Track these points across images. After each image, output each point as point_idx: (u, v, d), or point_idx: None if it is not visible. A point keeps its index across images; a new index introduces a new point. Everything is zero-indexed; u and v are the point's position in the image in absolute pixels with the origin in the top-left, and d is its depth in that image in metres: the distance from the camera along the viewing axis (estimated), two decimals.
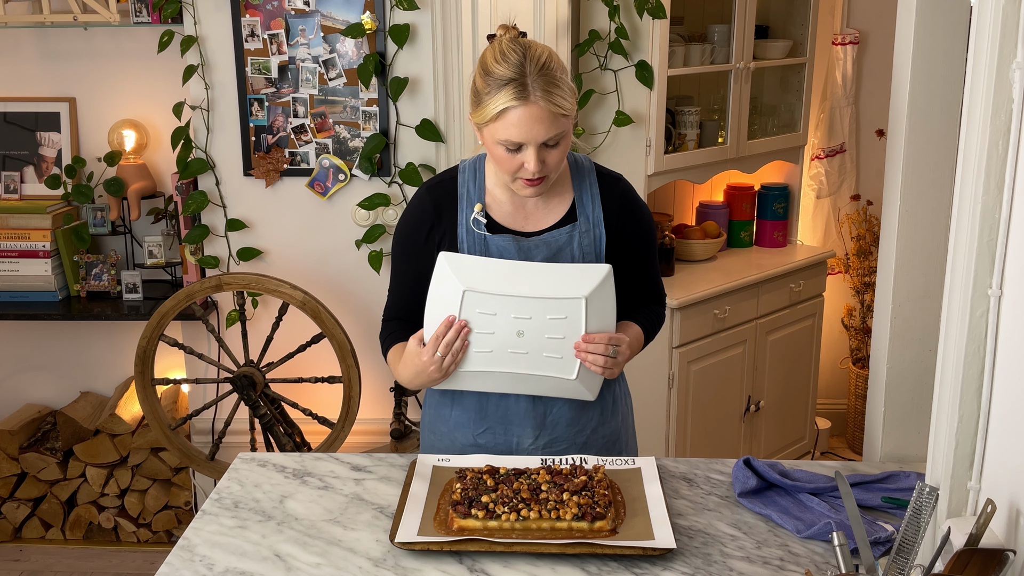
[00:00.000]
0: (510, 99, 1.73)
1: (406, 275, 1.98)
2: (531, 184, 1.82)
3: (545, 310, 1.81)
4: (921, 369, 2.09)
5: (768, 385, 3.75)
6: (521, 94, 1.73)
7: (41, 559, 3.52)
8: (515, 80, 1.73)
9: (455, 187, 1.93)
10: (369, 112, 3.30)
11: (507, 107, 1.73)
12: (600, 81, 3.20)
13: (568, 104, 1.77)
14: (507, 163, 1.80)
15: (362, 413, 3.38)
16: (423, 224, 1.93)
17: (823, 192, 4.13)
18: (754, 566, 1.63)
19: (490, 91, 1.75)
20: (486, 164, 1.94)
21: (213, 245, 3.42)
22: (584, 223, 1.92)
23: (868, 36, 4.07)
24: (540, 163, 1.78)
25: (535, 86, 1.73)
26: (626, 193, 1.97)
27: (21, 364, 3.73)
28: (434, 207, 1.93)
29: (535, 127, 1.74)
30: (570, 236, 1.90)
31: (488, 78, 1.76)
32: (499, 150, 1.79)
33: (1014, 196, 1.30)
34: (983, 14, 1.33)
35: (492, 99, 1.75)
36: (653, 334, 2.06)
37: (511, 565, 1.63)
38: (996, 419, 1.36)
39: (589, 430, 1.98)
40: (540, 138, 1.76)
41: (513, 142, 1.76)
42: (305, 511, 1.82)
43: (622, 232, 1.95)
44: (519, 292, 1.81)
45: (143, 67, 3.46)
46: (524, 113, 1.73)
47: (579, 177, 1.94)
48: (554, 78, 1.75)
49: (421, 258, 1.93)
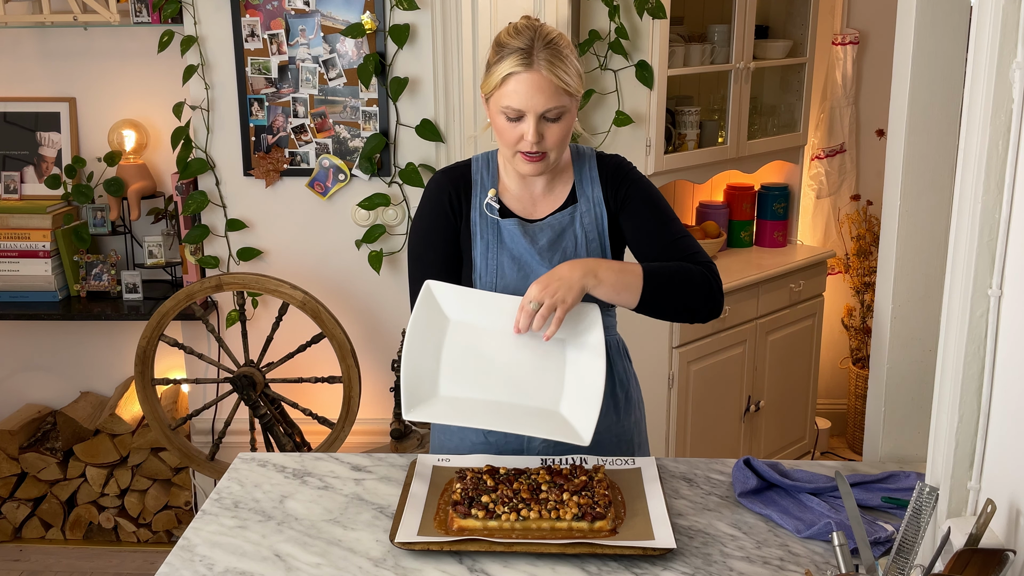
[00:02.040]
0: (514, 65, 1.79)
1: (432, 267, 1.94)
2: (530, 159, 1.84)
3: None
4: (921, 369, 2.09)
5: (768, 385, 3.75)
6: (525, 60, 1.79)
7: (41, 559, 3.52)
8: (522, 50, 1.80)
9: (469, 173, 1.98)
10: (369, 112, 3.30)
11: (511, 72, 1.79)
12: (600, 81, 3.20)
13: (571, 81, 1.81)
14: (508, 134, 1.84)
15: (362, 413, 3.38)
16: (444, 200, 1.95)
17: (823, 192, 4.13)
18: (754, 566, 1.63)
19: (499, 60, 1.82)
20: (499, 155, 1.99)
21: (213, 245, 3.42)
22: (584, 203, 1.96)
23: (868, 36, 4.07)
24: (539, 136, 1.81)
25: (540, 56, 1.79)
26: (619, 168, 1.99)
27: (21, 364, 3.73)
28: (453, 187, 1.96)
29: (536, 96, 1.79)
30: (572, 217, 1.95)
31: (500, 49, 1.83)
32: (501, 120, 1.84)
33: (1014, 196, 1.30)
34: (983, 14, 1.33)
35: (499, 67, 1.81)
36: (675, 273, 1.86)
37: (511, 565, 1.63)
38: (996, 419, 1.36)
39: (603, 428, 1.98)
40: (540, 108, 1.80)
41: (513, 109, 1.80)
42: (305, 511, 1.82)
43: (621, 203, 1.96)
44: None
45: (143, 67, 3.46)
46: (526, 79, 1.79)
47: (580, 163, 1.99)
48: (560, 53, 1.81)
49: (448, 240, 1.94)
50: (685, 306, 1.87)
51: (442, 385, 1.84)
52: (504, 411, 1.81)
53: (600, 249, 1.95)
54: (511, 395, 1.82)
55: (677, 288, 1.85)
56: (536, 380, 1.84)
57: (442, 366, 1.84)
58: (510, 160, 1.89)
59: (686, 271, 1.86)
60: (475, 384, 1.83)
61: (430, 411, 1.81)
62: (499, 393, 1.82)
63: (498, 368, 1.84)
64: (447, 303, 1.87)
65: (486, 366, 1.84)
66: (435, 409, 1.81)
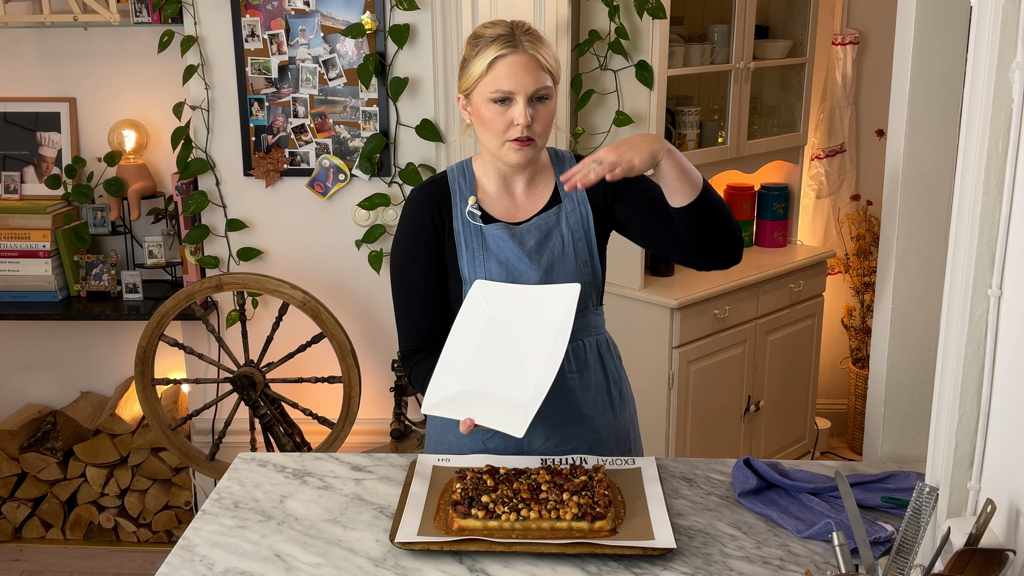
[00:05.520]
0: (500, 49, 1.82)
1: (420, 288, 1.94)
2: (520, 144, 1.84)
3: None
4: (921, 369, 2.09)
5: (768, 385, 3.75)
6: (510, 43, 1.82)
7: (41, 559, 3.52)
8: (503, 35, 1.83)
9: (447, 185, 1.97)
10: (369, 112, 3.30)
11: (497, 56, 1.82)
12: (600, 81, 3.20)
13: (553, 63, 1.86)
14: (497, 122, 1.84)
15: (362, 413, 3.38)
16: (427, 217, 1.94)
17: (823, 192, 4.13)
18: (754, 566, 1.63)
19: (479, 51, 1.84)
20: (474, 163, 1.99)
21: (213, 245, 3.42)
22: (569, 203, 1.96)
23: (868, 36, 4.07)
24: (529, 117, 1.82)
25: (523, 39, 1.83)
26: None
27: (21, 364, 3.73)
28: (432, 201, 1.95)
29: (524, 76, 1.81)
30: (557, 217, 1.95)
31: (477, 41, 1.86)
32: (489, 109, 1.84)
33: (1014, 196, 1.30)
34: (983, 14, 1.33)
35: (481, 56, 1.83)
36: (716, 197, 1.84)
37: (511, 565, 1.63)
38: (996, 419, 1.36)
39: (600, 427, 1.99)
40: (529, 88, 1.81)
41: (503, 91, 1.81)
42: (305, 511, 1.82)
43: (615, 193, 1.96)
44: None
45: (143, 67, 3.46)
46: (513, 61, 1.81)
47: (560, 164, 2.01)
48: (540, 38, 1.87)
49: (433, 258, 1.93)
50: (726, 225, 1.85)
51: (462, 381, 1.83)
52: (486, 402, 1.78)
53: (587, 247, 1.95)
54: (495, 386, 1.80)
55: (723, 207, 1.85)
56: (518, 370, 1.81)
57: (473, 363, 1.84)
58: (498, 152, 1.88)
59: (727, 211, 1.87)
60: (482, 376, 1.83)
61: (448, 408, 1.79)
62: (483, 384, 1.81)
63: (500, 359, 1.83)
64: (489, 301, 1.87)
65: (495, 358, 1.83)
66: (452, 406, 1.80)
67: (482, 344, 1.85)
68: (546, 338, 1.81)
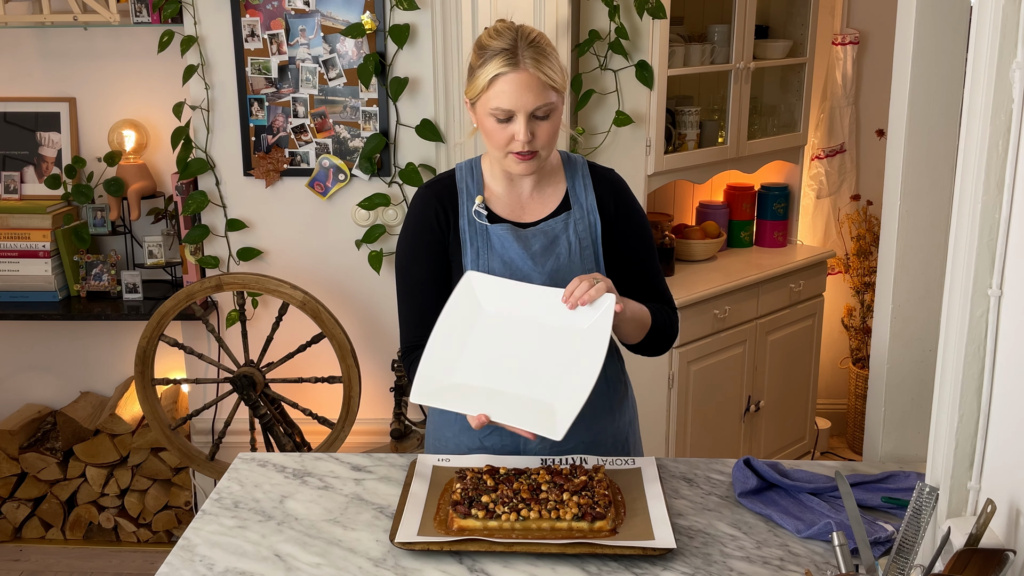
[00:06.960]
0: (501, 66, 1.79)
1: (423, 285, 1.94)
2: (522, 158, 1.84)
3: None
4: (921, 369, 2.09)
5: (768, 385, 3.75)
6: (511, 61, 1.79)
7: (41, 559, 3.52)
8: (506, 50, 1.80)
9: (454, 184, 1.97)
10: (369, 112, 3.30)
11: (498, 73, 1.79)
12: (600, 81, 3.20)
13: (557, 77, 1.83)
14: (498, 135, 1.83)
15: (362, 413, 3.38)
16: (431, 214, 1.94)
17: (823, 192, 4.13)
18: (754, 566, 1.63)
19: (483, 63, 1.82)
20: (482, 162, 1.98)
21: (213, 245, 3.42)
22: (578, 211, 1.96)
23: (868, 36, 4.07)
24: (530, 134, 1.81)
25: (525, 55, 1.80)
26: (617, 184, 2.01)
27: (21, 364, 3.73)
28: (437, 200, 1.95)
29: (525, 94, 1.79)
30: (565, 224, 1.94)
31: (482, 52, 1.84)
32: (490, 122, 1.83)
33: (1014, 196, 1.30)
34: (983, 14, 1.33)
35: (484, 69, 1.81)
36: (662, 324, 1.97)
37: (511, 565, 1.63)
38: (996, 419, 1.36)
39: (597, 428, 1.98)
40: (529, 106, 1.80)
41: (503, 109, 1.80)
42: (305, 511, 1.82)
43: (616, 222, 1.97)
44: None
45: (143, 67, 3.46)
46: (514, 79, 1.79)
47: (571, 169, 2.00)
48: (544, 51, 1.83)
49: (437, 255, 1.93)
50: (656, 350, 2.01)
51: (456, 373, 1.81)
52: (498, 400, 1.77)
53: (593, 256, 1.95)
54: (515, 385, 1.79)
55: (659, 336, 1.98)
56: (543, 371, 1.79)
57: (464, 355, 1.82)
58: (500, 161, 1.88)
59: (670, 323, 1.99)
60: (486, 372, 1.81)
61: (438, 398, 1.78)
62: (503, 383, 1.79)
63: (510, 357, 1.81)
64: (483, 294, 1.85)
65: (501, 355, 1.82)
66: (443, 396, 1.78)
67: (481, 339, 1.83)
68: (564, 340, 1.79)
